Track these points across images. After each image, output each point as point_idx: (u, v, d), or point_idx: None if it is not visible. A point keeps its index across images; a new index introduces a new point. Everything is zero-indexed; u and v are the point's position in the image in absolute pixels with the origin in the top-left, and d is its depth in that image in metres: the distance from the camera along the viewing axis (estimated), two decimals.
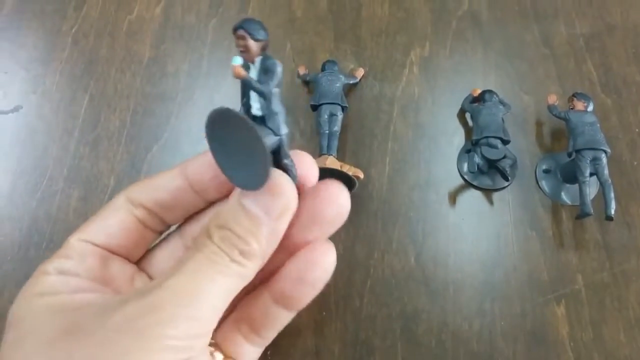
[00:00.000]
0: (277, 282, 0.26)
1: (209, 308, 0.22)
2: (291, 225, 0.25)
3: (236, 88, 0.24)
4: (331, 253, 0.26)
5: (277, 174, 0.24)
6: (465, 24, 0.65)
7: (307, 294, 0.26)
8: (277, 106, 0.25)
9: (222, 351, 0.28)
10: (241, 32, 0.24)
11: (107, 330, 0.21)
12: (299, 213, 0.25)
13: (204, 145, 0.23)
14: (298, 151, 0.26)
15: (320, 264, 0.25)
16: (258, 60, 0.25)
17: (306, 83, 0.60)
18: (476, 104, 0.57)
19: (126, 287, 0.27)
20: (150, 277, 0.29)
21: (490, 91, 0.57)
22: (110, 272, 0.26)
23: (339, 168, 0.52)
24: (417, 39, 0.64)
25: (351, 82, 0.59)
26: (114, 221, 0.27)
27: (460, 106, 0.59)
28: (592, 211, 0.50)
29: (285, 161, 0.25)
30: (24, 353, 0.21)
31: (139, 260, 0.29)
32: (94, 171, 0.56)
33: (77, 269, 0.25)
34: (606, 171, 0.51)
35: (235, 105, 0.23)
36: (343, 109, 0.56)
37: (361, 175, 0.53)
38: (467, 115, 0.59)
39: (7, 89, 0.60)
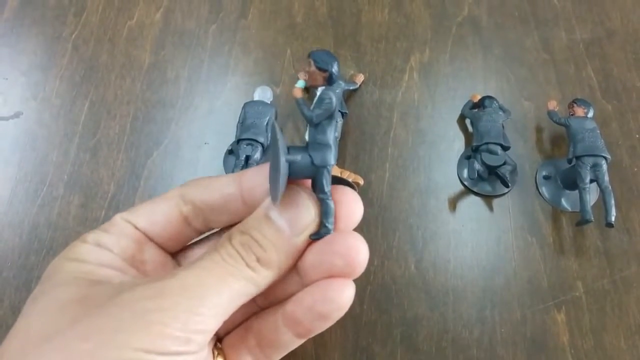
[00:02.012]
0: (291, 305, 0.26)
1: (212, 305, 0.23)
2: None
3: (237, 94, 0.24)
4: (348, 290, 0.25)
5: (305, 193, 0.25)
6: (465, 29, 0.65)
7: (318, 325, 0.26)
8: (325, 137, 0.25)
9: (225, 358, 0.28)
10: (309, 59, 0.25)
11: (112, 305, 0.22)
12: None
13: (205, 151, 0.24)
14: (344, 188, 0.27)
15: (335, 301, 0.25)
16: (320, 89, 0.26)
17: (306, 89, 0.60)
18: (476, 110, 0.57)
19: (154, 273, 0.28)
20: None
21: (490, 97, 0.57)
22: (143, 256, 0.27)
23: (339, 174, 0.52)
24: (417, 45, 0.64)
25: (351, 88, 0.59)
26: (161, 211, 0.28)
27: (460, 112, 0.59)
28: (592, 218, 0.50)
29: (321, 195, 0.25)
30: (39, 308, 0.23)
31: (176, 253, 0.30)
32: (94, 177, 0.56)
33: (112, 245, 0.26)
34: (606, 177, 0.51)
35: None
36: (343, 114, 0.56)
37: (361, 182, 0.53)
38: (467, 121, 0.59)
39: (7, 95, 0.60)
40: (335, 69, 0.25)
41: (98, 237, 0.26)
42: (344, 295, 0.25)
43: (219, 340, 0.29)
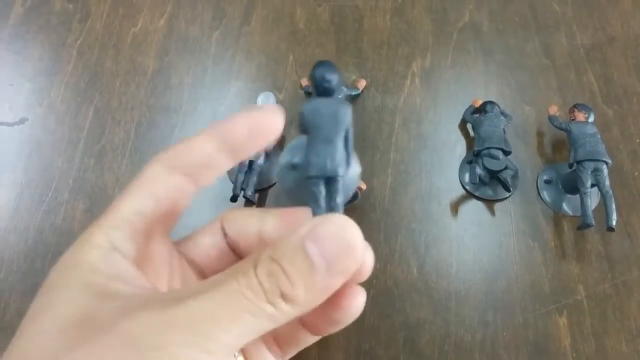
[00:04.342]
0: None
1: (222, 344, 0.21)
2: None
3: (240, 100, 0.25)
4: (360, 297, 0.25)
5: (350, 228, 0.22)
6: (467, 35, 0.66)
7: (332, 328, 0.26)
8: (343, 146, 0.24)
9: (244, 356, 0.27)
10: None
11: (113, 334, 0.20)
12: None
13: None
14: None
15: (348, 308, 0.25)
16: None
17: (309, 95, 0.61)
18: (477, 115, 0.57)
19: (163, 270, 0.26)
20: (189, 261, 0.28)
21: (491, 102, 0.57)
22: (150, 252, 0.25)
23: None
24: (419, 51, 0.64)
25: (353, 93, 0.60)
26: (158, 189, 0.25)
27: (461, 117, 0.59)
28: (593, 222, 0.50)
29: (331, 203, 0.24)
30: (37, 329, 0.21)
31: (180, 243, 0.28)
32: (98, 183, 0.56)
33: (123, 246, 0.24)
34: (607, 182, 0.51)
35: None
36: None
37: (364, 187, 0.53)
38: (469, 126, 0.59)
39: (13, 101, 0.61)
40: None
41: (108, 238, 0.24)
42: (356, 302, 0.25)
43: None
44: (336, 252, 0.22)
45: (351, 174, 0.25)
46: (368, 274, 0.25)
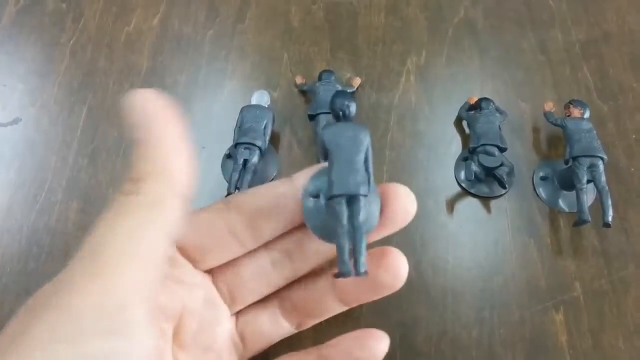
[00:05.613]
0: (329, 346, 0.26)
1: (114, 257, 0.20)
2: None
3: (234, 99, 0.25)
4: (385, 342, 0.25)
5: (149, 94, 0.24)
6: (462, 32, 0.66)
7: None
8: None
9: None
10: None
11: (32, 305, 0.20)
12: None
13: (203, 156, 0.24)
14: (394, 184, 0.25)
15: (371, 350, 0.26)
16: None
17: (304, 93, 0.61)
18: (473, 112, 0.57)
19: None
20: (229, 291, 0.28)
21: (487, 99, 0.57)
22: (176, 275, 0.25)
23: None
24: (414, 48, 0.64)
25: (348, 91, 0.59)
26: (201, 220, 0.25)
27: (457, 114, 0.59)
28: (589, 218, 0.50)
29: (354, 223, 0.25)
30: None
31: (220, 271, 0.27)
32: (92, 183, 0.56)
33: None
34: (603, 178, 0.51)
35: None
36: None
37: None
38: (464, 124, 0.59)
39: (6, 101, 0.61)
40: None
41: None
42: (381, 346, 0.26)
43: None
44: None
45: (374, 208, 0.26)
46: (407, 219, 0.25)
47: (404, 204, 0.25)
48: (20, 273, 0.51)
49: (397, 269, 0.26)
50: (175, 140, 0.23)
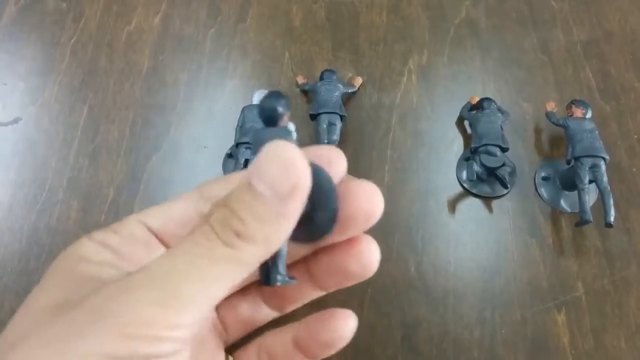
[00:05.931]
0: (300, 326, 0.26)
1: (184, 296, 0.20)
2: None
3: (235, 98, 0.24)
4: (351, 321, 0.25)
5: (287, 147, 0.21)
6: (463, 31, 0.65)
7: (323, 352, 0.26)
8: None
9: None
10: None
11: (78, 308, 0.20)
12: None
13: (204, 155, 0.23)
14: (360, 180, 0.24)
15: (337, 330, 0.25)
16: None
17: (305, 92, 0.60)
18: (475, 112, 0.57)
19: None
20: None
21: (488, 99, 0.57)
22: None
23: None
24: (416, 47, 0.64)
25: (349, 91, 0.59)
26: (178, 209, 0.25)
27: (458, 114, 0.59)
28: (591, 218, 0.50)
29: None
30: (22, 312, 0.21)
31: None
32: (93, 182, 0.56)
33: (118, 246, 0.24)
34: (605, 178, 0.51)
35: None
36: (342, 118, 0.56)
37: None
38: (466, 123, 0.59)
39: (6, 100, 0.61)
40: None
41: (105, 237, 0.24)
42: (347, 326, 0.25)
43: (230, 353, 0.29)
44: (276, 173, 0.21)
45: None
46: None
47: (366, 203, 0.24)
48: (21, 272, 0.51)
49: (367, 258, 0.25)
50: (295, 215, 0.22)
